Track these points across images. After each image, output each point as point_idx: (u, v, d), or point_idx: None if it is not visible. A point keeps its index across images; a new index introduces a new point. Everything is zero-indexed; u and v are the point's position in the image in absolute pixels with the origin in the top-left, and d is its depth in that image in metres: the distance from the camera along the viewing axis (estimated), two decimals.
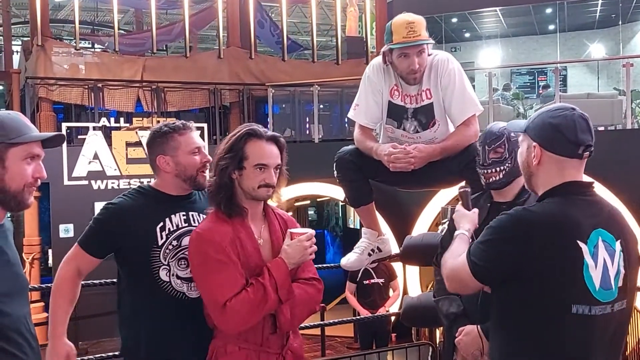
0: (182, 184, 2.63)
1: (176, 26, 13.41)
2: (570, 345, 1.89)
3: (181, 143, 2.60)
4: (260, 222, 2.47)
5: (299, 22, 20.43)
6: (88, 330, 9.34)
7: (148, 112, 11.39)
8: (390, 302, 7.37)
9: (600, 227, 1.92)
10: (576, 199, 1.95)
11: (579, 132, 1.95)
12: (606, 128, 10.04)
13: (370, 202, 3.28)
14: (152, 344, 2.54)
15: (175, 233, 2.57)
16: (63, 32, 18.74)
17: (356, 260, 3.29)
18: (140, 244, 2.54)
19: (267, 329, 2.37)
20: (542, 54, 19.79)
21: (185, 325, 2.54)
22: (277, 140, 2.44)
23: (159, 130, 2.64)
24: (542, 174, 2.00)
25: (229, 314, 2.24)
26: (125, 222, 2.55)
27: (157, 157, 2.62)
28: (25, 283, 1.99)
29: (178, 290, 2.54)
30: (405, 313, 3.43)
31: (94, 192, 9.75)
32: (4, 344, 1.80)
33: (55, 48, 11.50)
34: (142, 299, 2.57)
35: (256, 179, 2.36)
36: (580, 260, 1.86)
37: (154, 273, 2.52)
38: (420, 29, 2.90)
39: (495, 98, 10.83)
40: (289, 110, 12.39)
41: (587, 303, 1.87)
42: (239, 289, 2.26)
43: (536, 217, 1.91)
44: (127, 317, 2.62)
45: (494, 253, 1.93)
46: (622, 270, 1.94)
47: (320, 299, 2.51)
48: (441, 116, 3.07)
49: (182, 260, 2.54)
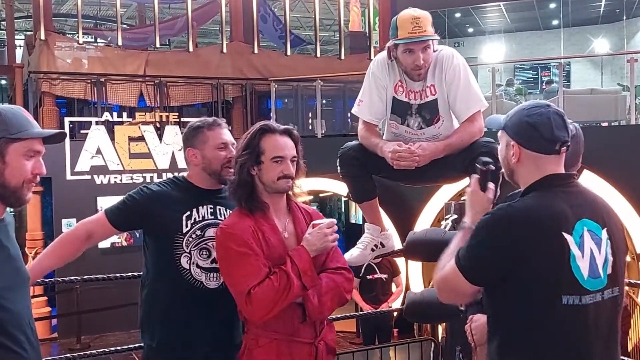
0: (208, 177, 2.75)
1: (179, 21, 13.41)
2: (566, 336, 1.91)
3: (209, 138, 2.74)
4: (284, 216, 2.54)
5: (302, 17, 20.41)
6: (91, 324, 9.37)
7: (151, 106, 11.40)
8: (393, 297, 7.39)
9: (584, 217, 1.94)
10: (558, 190, 1.97)
11: (555, 129, 1.97)
12: (610, 124, 10.02)
13: (373, 198, 3.27)
14: (166, 326, 2.65)
15: (201, 223, 2.69)
16: (66, 27, 18.74)
17: (359, 255, 3.28)
18: (166, 228, 2.67)
19: (296, 319, 2.41)
20: (545, 49, 19.75)
21: (200, 312, 2.64)
22: (291, 133, 2.53)
23: (192, 125, 2.82)
24: (522, 171, 2.04)
25: (254, 302, 2.31)
26: (157, 207, 2.69)
27: (187, 149, 2.79)
28: (26, 278, 1.98)
29: (197, 279, 2.65)
30: (408, 309, 3.42)
31: (97, 186, 9.76)
32: (4, 339, 1.79)
33: (58, 42, 11.50)
34: (161, 282, 2.69)
35: (274, 172, 2.45)
36: (566, 251, 1.89)
37: (176, 259, 2.65)
38: (426, 25, 2.88)
39: (498, 93, 10.82)
40: (291, 105, 12.38)
41: (577, 293, 1.89)
42: (262, 277, 2.33)
43: (516, 214, 1.93)
44: (147, 296, 2.74)
45: (480, 255, 1.94)
46: (610, 257, 1.96)
47: (350, 288, 2.54)
48: (445, 112, 3.05)
49: (204, 250, 2.66)
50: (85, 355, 3.62)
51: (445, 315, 3.47)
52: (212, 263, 2.64)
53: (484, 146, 2.91)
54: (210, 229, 2.67)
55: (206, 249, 2.66)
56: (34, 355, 1.88)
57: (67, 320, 9.70)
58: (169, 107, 11.47)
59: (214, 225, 2.65)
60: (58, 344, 9.64)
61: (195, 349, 2.63)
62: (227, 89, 12.20)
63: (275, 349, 2.40)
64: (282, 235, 2.48)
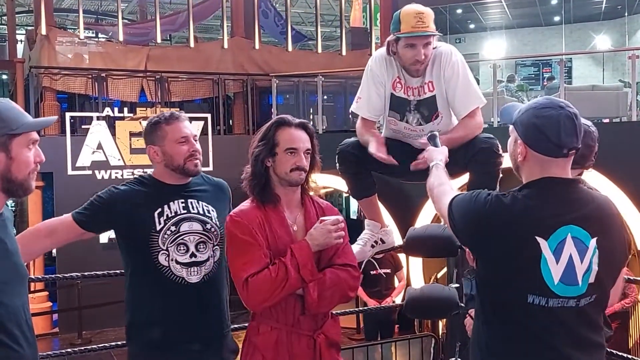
0: (173, 173, 2.68)
1: (180, 16, 13.39)
2: (532, 333, 1.97)
3: (168, 132, 2.66)
4: (296, 210, 2.56)
5: (303, 13, 20.37)
6: (91, 319, 9.38)
7: (152, 102, 11.40)
8: (397, 292, 7.40)
9: (572, 224, 1.94)
10: (549, 193, 1.97)
11: (563, 134, 1.94)
12: (611, 120, 10.01)
13: (372, 195, 3.28)
14: (152, 326, 2.60)
15: (174, 219, 2.63)
16: (67, 22, 18.71)
17: (359, 252, 3.29)
18: (139, 229, 2.61)
19: (297, 310, 2.44)
20: (547, 46, 19.74)
21: (185, 308, 2.60)
22: (306, 127, 2.56)
23: (150, 121, 2.73)
24: (526, 169, 2.04)
25: (251, 289, 2.35)
26: (125, 207, 2.62)
27: (147, 147, 2.71)
28: (24, 273, 1.98)
29: (177, 275, 2.60)
30: (408, 305, 3.43)
31: (98, 182, 9.76)
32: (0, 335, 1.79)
33: (59, 37, 11.49)
34: (143, 283, 2.64)
35: (288, 163, 2.47)
36: (536, 254, 1.91)
37: (153, 257, 2.59)
38: (429, 21, 2.89)
39: (499, 90, 10.81)
40: (292, 100, 12.37)
41: (543, 295, 1.92)
42: (261, 267, 2.37)
43: (499, 210, 1.97)
44: (131, 300, 2.69)
45: (461, 221, 2.09)
46: (594, 267, 1.95)
47: (354, 286, 2.55)
48: (444, 108, 3.05)
49: (182, 245, 2.62)
50: (86, 350, 3.63)
51: (445, 311, 3.48)
52: (191, 257, 2.62)
53: (484, 142, 2.92)
54: (184, 223, 2.63)
55: (183, 243, 2.62)
56: (30, 351, 1.88)
57: (68, 315, 9.73)
58: (170, 102, 11.48)
59: (188, 219, 2.64)
60: (59, 338, 9.67)
61: (183, 345, 2.60)
62: (228, 85, 12.20)
63: (274, 338, 2.43)
64: (290, 227, 2.50)
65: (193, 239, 2.64)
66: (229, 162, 5.83)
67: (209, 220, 2.68)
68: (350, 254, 2.60)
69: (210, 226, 2.68)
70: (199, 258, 2.63)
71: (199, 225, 2.66)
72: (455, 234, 2.16)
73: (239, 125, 12.26)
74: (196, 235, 2.65)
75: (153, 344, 2.61)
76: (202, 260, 2.64)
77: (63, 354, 3.80)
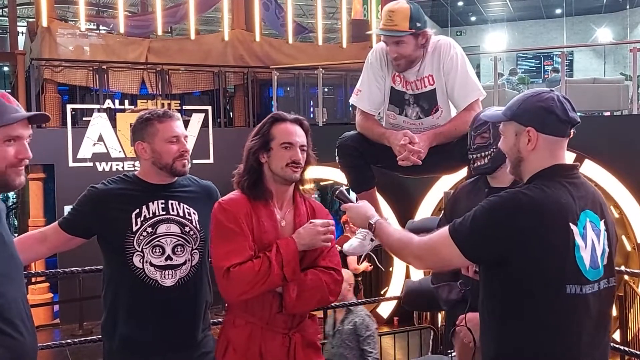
0: (159, 171, 2.63)
1: (181, 8, 13.35)
2: (565, 324, 1.94)
3: (159, 130, 2.61)
4: (287, 206, 2.54)
5: (304, 5, 20.30)
6: (93, 311, 9.40)
7: (152, 94, 11.39)
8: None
9: (587, 209, 1.98)
10: (564, 181, 1.99)
11: (569, 111, 2.00)
12: (612, 113, 10.01)
13: (372, 188, 3.28)
14: (126, 328, 2.56)
15: (151, 220, 2.57)
16: (68, 14, 18.66)
17: (358, 245, 3.30)
18: (115, 229, 2.56)
19: (274, 307, 2.42)
20: (548, 38, 19.71)
21: (157, 312, 2.55)
22: (301, 123, 2.55)
23: (142, 117, 2.66)
24: (534, 158, 2.03)
25: (231, 280, 2.32)
26: (101, 207, 2.58)
27: (136, 143, 2.65)
28: (20, 264, 1.98)
29: (151, 278, 2.55)
30: (407, 297, 3.45)
31: (99, 173, 9.76)
32: (0, 324, 1.80)
33: (60, 29, 11.47)
34: (118, 284, 2.59)
35: (283, 158, 2.45)
36: (572, 241, 1.91)
37: (128, 258, 2.54)
38: (399, 19, 2.86)
39: (500, 82, 10.81)
40: (293, 93, 12.37)
41: (579, 283, 1.92)
42: (245, 258, 2.34)
43: (525, 200, 1.94)
44: (106, 300, 2.64)
45: (483, 232, 1.97)
46: (607, 249, 2.00)
47: (336, 290, 2.52)
48: (444, 102, 3.05)
49: (157, 247, 2.56)
50: (87, 341, 3.65)
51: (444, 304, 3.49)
52: (166, 260, 2.55)
53: None
54: (162, 225, 2.57)
55: (159, 246, 2.56)
56: (30, 340, 1.89)
57: (69, 307, 9.75)
58: (171, 94, 11.46)
59: (166, 221, 2.57)
60: (60, 329, 9.71)
61: (154, 348, 2.56)
62: (228, 77, 12.18)
63: (247, 332, 2.42)
64: (278, 223, 2.48)
65: (170, 242, 2.58)
66: (230, 155, 5.82)
67: (188, 223, 2.62)
68: (336, 257, 2.57)
69: (189, 229, 2.61)
70: (174, 261, 2.57)
71: (177, 228, 2.59)
72: (468, 255, 2.01)
73: (240, 117, 12.26)
74: (173, 237, 2.58)
75: (123, 345, 2.57)
76: (178, 264, 2.57)
77: (64, 345, 3.82)
